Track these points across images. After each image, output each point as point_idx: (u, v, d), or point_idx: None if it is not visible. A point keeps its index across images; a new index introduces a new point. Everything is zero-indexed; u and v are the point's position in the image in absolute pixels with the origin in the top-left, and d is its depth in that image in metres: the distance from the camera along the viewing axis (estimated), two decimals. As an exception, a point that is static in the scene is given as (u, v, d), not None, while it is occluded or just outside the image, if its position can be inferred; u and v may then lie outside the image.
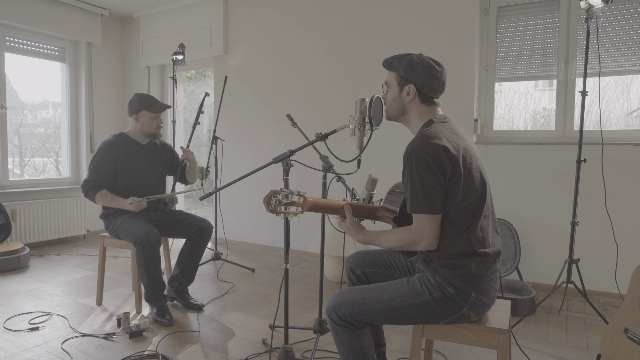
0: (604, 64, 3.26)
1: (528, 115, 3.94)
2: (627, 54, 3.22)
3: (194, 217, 3.02)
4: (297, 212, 1.61)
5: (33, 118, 5.11)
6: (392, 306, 1.59)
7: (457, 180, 1.53)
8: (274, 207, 1.57)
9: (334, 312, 1.63)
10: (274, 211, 1.58)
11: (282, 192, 1.59)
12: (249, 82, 4.69)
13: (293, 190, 1.60)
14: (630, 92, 3.44)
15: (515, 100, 3.97)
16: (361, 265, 1.92)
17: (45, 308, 2.97)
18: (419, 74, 1.66)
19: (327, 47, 4.23)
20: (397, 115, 1.76)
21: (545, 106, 3.86)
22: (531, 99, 3.95)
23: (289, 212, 1.59)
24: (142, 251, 2.64)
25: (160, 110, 2.93)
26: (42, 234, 4.69)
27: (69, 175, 5.19)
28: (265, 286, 3.50)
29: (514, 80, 3.72)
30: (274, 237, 4.63)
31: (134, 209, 2.73)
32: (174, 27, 5.07)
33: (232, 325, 2.74)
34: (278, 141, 4.55)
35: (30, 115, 5.08)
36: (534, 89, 3.98)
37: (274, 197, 1.58)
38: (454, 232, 1.56)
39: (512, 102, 4.00)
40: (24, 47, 4.73)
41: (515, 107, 3.98)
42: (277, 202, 1.58)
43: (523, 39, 3.56)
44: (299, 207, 1.62)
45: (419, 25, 3.80)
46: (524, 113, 3.94)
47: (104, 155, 2.82)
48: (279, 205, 1.58)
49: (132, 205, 2.71)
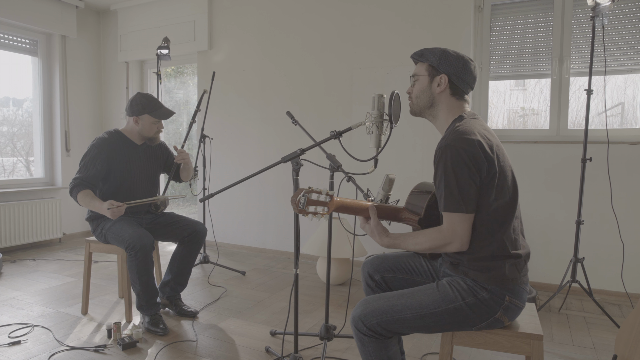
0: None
1: (506, 114, 3.92)
2: (630, 53, 3.26)
3: (186, 219, 2.87)
4: (324, 213, 1.52)
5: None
6: (424, 313, 1.50)
7: (492, 179, 1.47)
8: (302, 207, 1.47)
9: (360, 321, 1.54)
10: (302, 211, 1.49)
11: (311, 191, 1.49)
12: (235, 79, 4.54)
13: (322, 189, 1.50)
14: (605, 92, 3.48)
15: (494, 99, 3.96)
16: (380, 270, 1.83)
17: (26, 319, 2.76)
18: (453, 65, 1.60)
19: (317, 43, 4.13)
20: (425, 108, 1.68)
21: (523, 105, 3.86)
22: (509, 99, 3.94)
23: (316, 212, 1.49)
24: (135, 257, 2.47)
25: (165, 117, 2.75)
26: (14, 238, 4.40)
27: (43, 176, 4.90)
28: (259, 290, 3.38)
29: (507, 79, 3.72)
30: (262, 239, 4.50)
31: (110, 215, 2.46)
32: (154, 21, 4.85)
33: (230, 332, 2.61)
34: (266, 139, 4.42)
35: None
36: (511, 89, 3.97)
37: (303, 196, 1.48)
38: (486, 234, 1.50)
39: (492, 101, 3.99)
40: (-8, 39, 4.43)
41: (494, 106, 3.97)
42: (305, 202, 1.48)
43: (517, 37, 3.56)
44: (325, 208, 1.52)
45: (412, 22, 3.75)
46: (503, 112, 3.93)
47: (97, 152, 2.63)
48: (307, 204, 1.48)
49: (110, 210, 2.45)
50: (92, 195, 2.58)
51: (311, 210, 1.49)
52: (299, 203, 1.48)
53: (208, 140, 3.76)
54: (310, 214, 1.49)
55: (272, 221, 4.43)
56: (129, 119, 2.75)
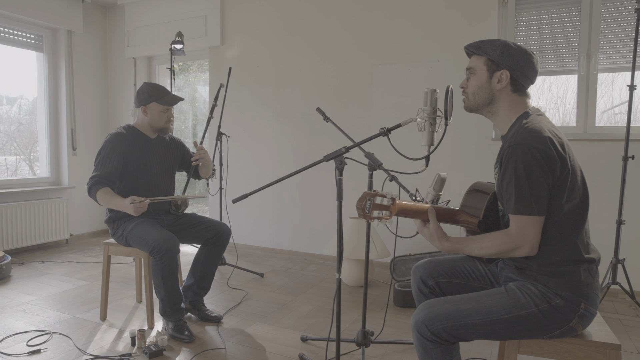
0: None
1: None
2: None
3: (210, 220, 2.75)
4: (387, 217, 1.42)
5: None
6: (494, 319, 1.41)
7: (565, 179, 1.38)
8: (368, 212, 1.38)
9: (424, 326, 1.44)
10: (367, 216, 1.39)
11: (376, 195, 1.39)
12: (248, 75, 4.42)
13: (387, 192, 1.40)
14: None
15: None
16: (434, 275, 1.73)
17: (42, 326, 2.64)
18: (516, 59, 1.50)
19: (335, 38, 4.02)
20: (482, 105, 1.58)
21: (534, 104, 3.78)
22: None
23: (380, 217, 1.40)
24: (161, 260, 2.36)
25: (172, 102, 2.65)
26: (20, 240, 4.26)
27: (48, 175, 4.76)
28: (280, 293, 3.27)
29: (532, 75, 3.63)
30: (277, 239, 4.39)
31: (132, 212, 2.35)
32: (163, 16, 4.72)
33: (259, 339, 2.50)
34: (280, 137, 4.30)
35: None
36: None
37: (369, 200, 1.38)
38: (558, 237, 1.41)
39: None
40: (-3, 34, 4.28)
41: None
42: (370, 207, 1.38)
43: (542, 33, 3.47)
44: (388, 212, 1.42)
45: (434, 16, 3.65)
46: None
47: (111, 148, 2.51)
48: (372, 209, 1.39)
49: (132, 206, 2.33)
50: (112, 193, 2.47)
51: (375, 215, 1.40)
52: (365, 208, 1.38)
53: (224, 137, 3.64)
54: (375, 219, 1.40)
55: (287, 221, 4.32)
56: (139, 111, 2.64)
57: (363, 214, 1.40)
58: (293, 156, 4.25)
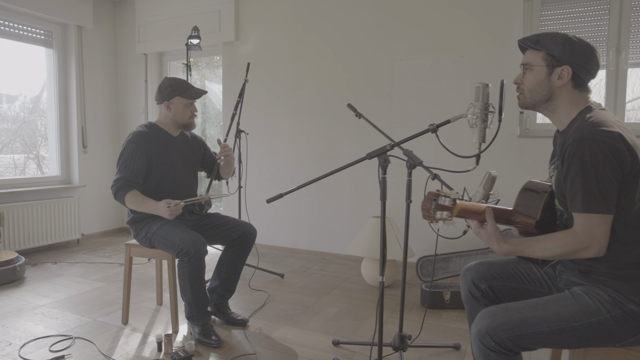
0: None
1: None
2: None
3: (235, 220, 2.66)
4: (449, 218, 1.34)
5: None
6: (563, 327, 1.33)
7: (636, 175, 1.31)
8: (433, 213, 1.30)
9: (488, 335, 1.36)
10: (431, 217, 1.31)
11: (440, 195, 1.31)
12: (264, 71, 4.32)
13: (451, 192, 1.32)
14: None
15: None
16: (487, 278, 1.65)
17: (63, 330, 2.55)
18: (579, 54, 1.41)
19: (354, 33, 3.93)
20: (540, 102, 1.50)
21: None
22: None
23: (443, 218, 1.32)
24: (189, 263, 2.27)
25: (196, 96, 2.56)
26: (31, 240, 4.17)
27: (59, 174, 4.66)
28: (303, 294, 3.19)
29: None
30: (294, 239, 4.30)
31: (168, 216, 2.28)
32: (175, 10, 4.62)
33: (288, 343, 2.42)
34: (297, 135, 4.21)
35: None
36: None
37: (434, 201, 1.30)
38: (629, 237, 1.33)
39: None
40: (6, 30, 4.17)
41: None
42: (435, 208, 1.30)
43: (569, 28, 3.38)
44: (449, 213, 1.34)
45: (458, 11, 3.56)
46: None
47: (135, 148, 2.42)
48: (436, 210, 1.31)
49: (169, 209, 2.26)
50: (142, 196, 2.38)
51: (439, 217, 1.32)
52: (430, 209, 1.30)
53: (244, 135, 3.55)
54: (440, 220, 1.32)
55: (304, 220, 4.24)
56: (161, 107, 2.55)
57: (428, 214, 1.32)
58: (311, 154, 4.16)
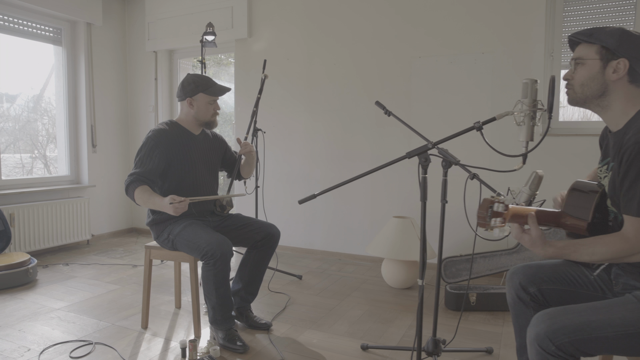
0: None
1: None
2: None
3: (258, 221, 2.59)
4: (502, 225, 1.28)
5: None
6: (629, 332, 1.26)
7: None
8: (489, 220, 1.23)
9: (548, 339, 1.29)
10: (486, 225, 1.24)
11: (495, 202, 1.24)
12: (277, 69, 4.24)
13: (506, 197, 1.25)
14: None
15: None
16: (536, 281, 1.58)
17: (82, 335, 2.47)
18: (637, 46, 1.35)
19: (371, 29, 3.85)
20: (592, 98, 1.44)
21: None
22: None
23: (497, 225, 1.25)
24: (214, 266, 2.20)
25: (220, 92, 2.48)
26: (41, 241, 4.10)
27: (68, 174, 4.58)
28: (324, 296, 3.12)
29: (581, 67, 3.47)
30: (309, 239, 4.23)
31: (172, 212, 2.16)
32: (186, 7, 4.54)
33: (315, 347, 2.35)
34: (312, 134, 4.14)
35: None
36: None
37: (490, 208, 1.23)
38: None
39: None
40: (15, 27, 4.09)
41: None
42: (491, 215, 1.23)
43: (593, 24, 3.31)
44: (502, 219, 1.28)
45: (478, 6, 3.48)
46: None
47: (154, 145, 2.34)
48: (492, 217, 1.24)
49: (172, 206, 2.14)
50: (151, 192, 2.29)
51: (494, 224, 1.25)
52: (487, 217, 1.24)
53: (261, 134, 3.47)
54: (496, 228, 1.25)
55: (319, 220, 4.16)
56: (183, 104, 2.47)
57: (484, 222, 1.25)
58: (326, 153, 4.09)
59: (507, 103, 3.41)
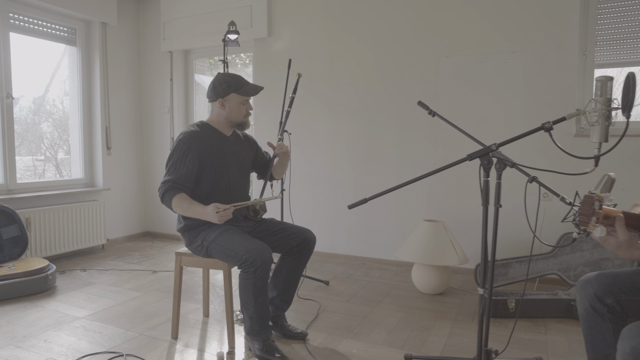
0: None
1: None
2: None
3: (293, 226, 2.49)
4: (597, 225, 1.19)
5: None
6: None
7: None
8: (591, 218, 1.14)
9: None
10: (588, 223, 1.14)
11: (596, 199, 1.14)
12: (299, 69, 4.13)
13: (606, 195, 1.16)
14: None
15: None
16: (614, 291, 1.48)
17: (109, 345, 2.37)
18: None
19: (396, 28, 3.76)
20: None
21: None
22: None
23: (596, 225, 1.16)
24: (254, 275, 2.09)
25: (253, 92, 2.37)
26: (56, 246, 3.99)
27: (82, 177, 4.48)
28: (355, 303, 3.02)
29: (615, 67, 3.38)
30: (331, 243, 4.13)
31: (217, 220, 2.10)
32: (203, 6, 4.44)
33: (357, 358, 2.25)
34: (335, 136, 4.04)
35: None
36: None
37: (592, 206, 1.13)
38: None
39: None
40: (30, 27, 3.99)
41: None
42: (592, 213, 1.14)
43: (628, 20, 3.21)
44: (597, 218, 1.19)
45: (508, 4, 3.39)
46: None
47: (186, 149, 2.24)
48: (592, 216, 1.15)
49: (217, 215, 2.08)
50: (190, 200, 2.20)
51: (597, 223, 1.16)
52: (590, 215, 1.14)
53: (287, 135, 3.37)
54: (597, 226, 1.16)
55: (342, 224, 4.06)
56: (214, 105, 2.37)
57: (587, 220, 1.15)
58: (349, 156, 3.99)
59: (539, 103, 3.32)
